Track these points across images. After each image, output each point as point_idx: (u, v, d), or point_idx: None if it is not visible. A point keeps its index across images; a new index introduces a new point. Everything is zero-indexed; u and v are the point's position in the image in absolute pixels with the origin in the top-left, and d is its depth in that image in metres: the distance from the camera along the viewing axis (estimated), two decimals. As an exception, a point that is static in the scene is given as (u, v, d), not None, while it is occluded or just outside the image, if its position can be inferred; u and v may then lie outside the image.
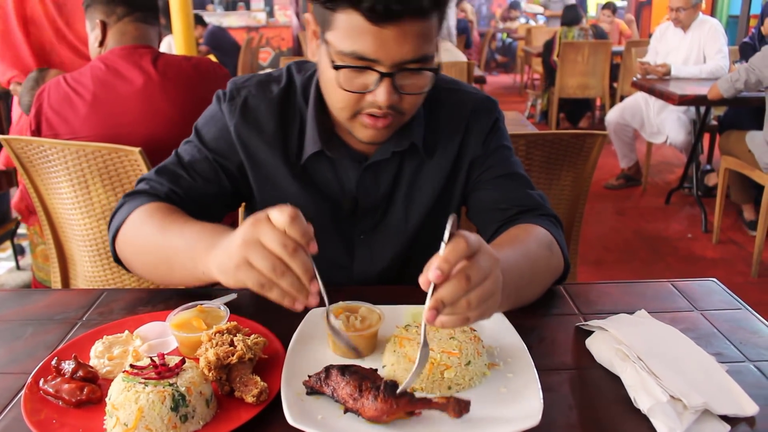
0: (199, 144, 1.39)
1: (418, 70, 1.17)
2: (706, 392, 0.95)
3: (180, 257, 1.13)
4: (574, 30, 7.75)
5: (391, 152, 1.35)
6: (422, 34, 1.13)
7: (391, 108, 1.19)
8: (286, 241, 0.92)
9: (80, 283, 2.28)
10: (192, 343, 1.08)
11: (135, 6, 2.22)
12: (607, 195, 5.76)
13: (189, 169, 1.36)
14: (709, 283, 1.39)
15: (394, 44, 1.11)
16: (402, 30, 1.10)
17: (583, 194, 2.23)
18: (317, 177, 1.39)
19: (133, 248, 1.28)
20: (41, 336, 1.19)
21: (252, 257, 0.93)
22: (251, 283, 0.95)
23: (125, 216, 1.28)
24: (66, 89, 2.14)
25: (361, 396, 0.92)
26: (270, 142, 1.36)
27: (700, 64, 5.32)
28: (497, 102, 1.46)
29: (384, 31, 1.10)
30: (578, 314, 1.26)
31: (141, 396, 0.90)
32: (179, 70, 2.21)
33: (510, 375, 1.03)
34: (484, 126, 1.42)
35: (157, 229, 1.21)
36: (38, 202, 2.21)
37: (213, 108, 1.41)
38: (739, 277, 4.07)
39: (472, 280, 0.88)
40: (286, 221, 0.93)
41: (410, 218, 1.42)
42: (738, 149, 4.31)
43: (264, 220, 0.95)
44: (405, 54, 1.13)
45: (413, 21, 1.11)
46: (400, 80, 1.17)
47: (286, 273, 0.93)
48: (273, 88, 1.39)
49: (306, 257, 0.94)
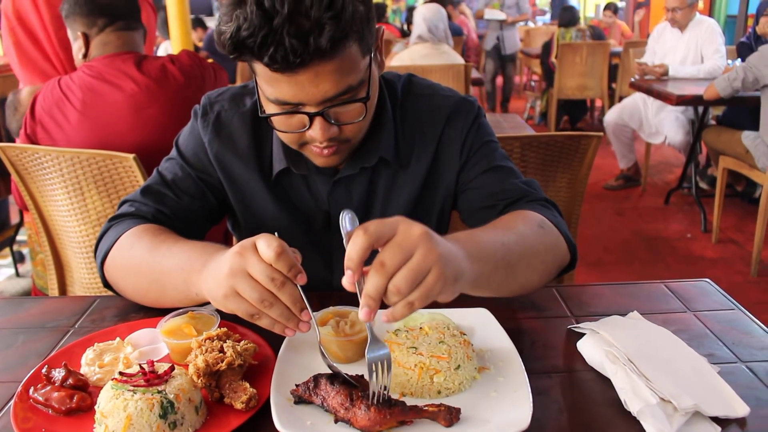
0: (181, 161, 1.38)
1: (344, 103, 1.13)
2: (697, 394, 0.95)
3: (172, 279, 1.14)
4: (572, 31, 7.76)
5: (359, 167, 1.33)
6: (337, 69, 1.08)
7: (333, 140, 1.18)
8: (273, 275, 0.93)
9: (77, 290, 2.29)
10: (182, 349, 1.08)
11: (115, 16, 2.21)
12: (606, 195, 5.76)
13: (173, 187, 1.36)
14: (702, 284, 1.38)
15: (311, 87, 1.08)
16: (314, 72, 1.06)
17: (579, 195, 2.23)
18: (291, 191, 1.37)
19: (123, 273, 1.27)
20: (33, 344, 1.19)
21: (240, 288, 0.95)
22: (241, 312, 0.97)
23: (113, 241, 1.27)
24: (59, 94, 2.14)
25: (352, 405, 0.92)
26: (244, 157, 1.35)
27: (697, 64, 5.33)
28: (475, 100, 1.43)
29: (297, 76, 1.07)
30: (570, 316, 1.25)
31: (129, 403, 0.90)
32: (165, 73, 2.21)
33: (500, 379, 1.02)
34: (463, 128, 1.38)
35: (147, 252, 1.20)
36: (34, 209, 2.21)
37: (191, 123, 1.40)
38: (738, 276, 4.07)
39: (387, 265, 0.86)
40: (272, 257, 0.93)
41: None
42: (732, 149, 4.31)
43: (251, 250, 0.95)
44: (326, 93, 1.09)
45: (323, 62, 1.06)
46: (332, 114, 1.15)
47: (275, 304, 0.94)
48: (246, 102, 1.37)
49: (294, 288, 0.95)
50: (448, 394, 0.99)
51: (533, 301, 1.30)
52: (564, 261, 1.29)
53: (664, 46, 5.55)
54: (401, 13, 13.07)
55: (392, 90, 1.39)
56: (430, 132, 1.38)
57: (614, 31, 9.06)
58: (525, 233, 1.20)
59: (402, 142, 1.36)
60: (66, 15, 2.22)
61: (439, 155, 1.38)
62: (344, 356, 1.07)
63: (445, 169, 1.39)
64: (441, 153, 1.38)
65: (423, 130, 1.38)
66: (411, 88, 1.41)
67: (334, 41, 1.03)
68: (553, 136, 2.12)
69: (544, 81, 8.64)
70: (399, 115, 1.37)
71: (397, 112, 1.37)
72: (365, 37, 1.12)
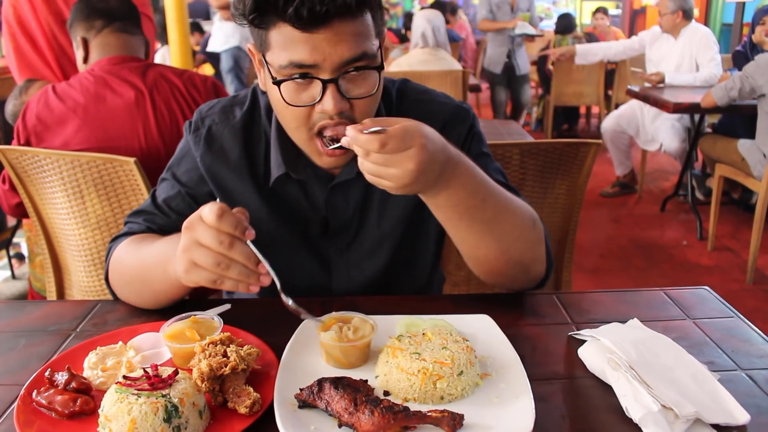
0: (173, 180, 1.40)
1: (360, 69, 1.14)
2: (698, 401, 0.95)
3: (156, 274, 1.20)
4: (568, 38, 7.80)
5: (356, 172, 1.31)
6: (356, 33, 1.12)
7: (343, 116, 1.17)
8: (221, 237, 1.00)
9: (75, 293, 2.28)
10: (185, 353, 1.08)
11: (112, 16, 2.22)
12: (602, 202, 5.78)
13: (162, 206, 1.39)
14: (701, 292, 1.39)
15: (329, 46, 1.10)
16: (334, 32, 1.09)
17: (578, 203, 2.24)
18: (287, 198, 1.37)
19: (121, 282, 1.34)
20: (35, 347, 1.19)
21: (196, 258, 1.02)
22: (203, 281, 1.04)
23: (109, 257, 1.36)
24: (55, 101, 2.14)
25: (356, 410, 0.92)
26: (236, 169, 1.36)
27: (692, 72, 5.35)
28: (470, 108, 1.44)
29: (316, 36, 1.09)
30: (571, 323, 1.26)
31: (134, 407, 0.90)
32: (170, 84, 2.21)
33: (502, 385, 1.03)
34: (460, 136, 1.39)
35: (134, 257, 1.29)
36: (33, 212, 2.21)
37: (183, 140, 1.42)
38: (734, 284, 4.08)
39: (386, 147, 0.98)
40: (214, 219, 1.00)
41: (385, 235, 1.40)
42: (728, 157, 4.33)
43: (197, 221, 1.02)
44: (342, 54, 1.11)
45: (343, 21, 1.10)
46: (344, 85, 1.15)
47: (231, 264, 1.01)
48: (236, 113, 1.38)
49: (244, 246, 1.01)
50: (450, 400, 1.00)
51: (534, 307, 1.31)
52: (537, 270, 1.30)
53: (659, 51, 5.58)
54: (398, 19, 13.13)
55: (386, 95, 1.39)
56: None
57: (609, 38, 9.07)
58: (516, 206, 1.22)
59: None
60: (70, 25, 2.24)
61: None
62: (347, 361, 1.08)
63: None
64: None
65: None
66: (406, 92, 1.42)
67: (360, 1, 1.10)
68: (552, 143, 2.13)
69: (540, 88, 8.68)
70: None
71: (393, 115, 1.37)
72: (378, 18, 1.17)
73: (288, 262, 1.35)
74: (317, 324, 1.10)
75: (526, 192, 2.14)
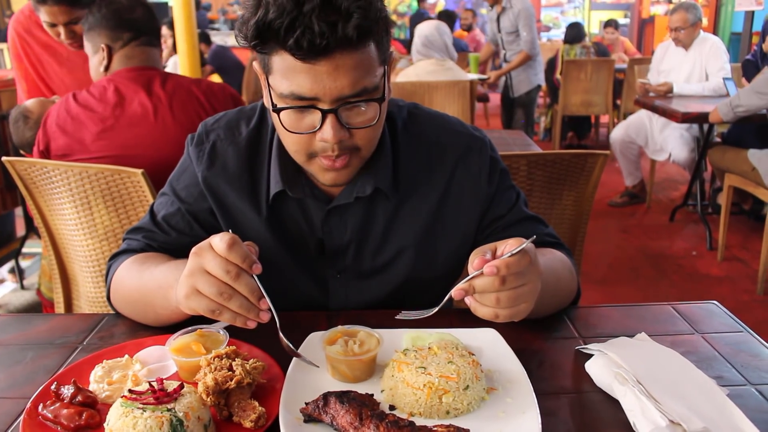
0: (173, 196, 1.39)
1: (360, 102, 1.13)
2: (707, 416, 0.94)
3: (158, 299, 1.20)
4: (576, 48, 7.79)
5: (354, 197, 1.30)
6: (357, 66, 1.10)
7: (343, 145, 1.17)
8: (228, 267, 0.99)
9: (83, 304, 2.29)
10: (191, 367, 1.08)
11: (141, 31, 2.25)
12: (611, 213, 5.75)
13: (161, 224, 1.38)
14: (710, 306, 1.38)
15: (329, 80, 1.09)
16: (335, 64, 1.08)
17: (586, 214, 2.23)
18: (286, 217, 1.35)
19: (123, 303, 1.34)
20: (41, 360, 1.19)
21: (199, 285, 1.01)
22: (202, 310, 1.03)
23: (111, 277, 1.37)
24: (76, 108, 2.16)
25: (362, 425, 0.92)
26: (238, 187, 1.34)
27: (702, 81, 5.34)
28: (485, 137, 1.41)
29: (316, 67, 1.08)
30: (578, 337, 1.25)
31: (139, 421, 0.90)
32: (189, 93, 2.23)
33: (509, 399, 1.02)
34: (481, 170, 1.37)
35: (136, 280, 1.28)
36: (41, 223, 2.23)
37: (185, 154, 1.41)
38: (744, 294, 4.05)
39: (507, 283, 0.99)
40: (224, 249, 0.99)
41: (387, 261, 1.38)
42: (738, 167, 4.30)
43: (206, 249, 1.02)
44: (342, 89, 1.10)
45: (345, 53, 1.08)
46: (344, 115, 1.14)
47: (234, 296, 1.00)
48: (242, 129, 1.37)
49: (250, 279, 1.00)
50: (456, 415, 0.99)
51: (541, 321, 1.30)
52: (569, 302, 1.39)
53: (669, 64, 5.56)
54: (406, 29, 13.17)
55: (391, 122, 1.37)
56: (438, 166, 1.36)
57: (617, 48, 9.06)
58: (561, 278, 1.31)
59: (402, 173, 1.34)
60: (89, 28, 2.24)
61: (450, 193, 1.36)
62: (353, 375, 1.07)
63: (460, 211, 1.38)
64: (452, 191, 1.37)
65: (429, 162, 1.36)
66: (416, 118, 1.39)
67: (360, 31, 1.06)
68: (559, 154, 2.12)
69: (548, 97, 8.67)
70: (401, 144, 1.35)
71: (398, 142, 1.35)
72: (383, 44, 1.15)
73: (286, 281, 1.36)
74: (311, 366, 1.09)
75: (533, 202, 2.14)
